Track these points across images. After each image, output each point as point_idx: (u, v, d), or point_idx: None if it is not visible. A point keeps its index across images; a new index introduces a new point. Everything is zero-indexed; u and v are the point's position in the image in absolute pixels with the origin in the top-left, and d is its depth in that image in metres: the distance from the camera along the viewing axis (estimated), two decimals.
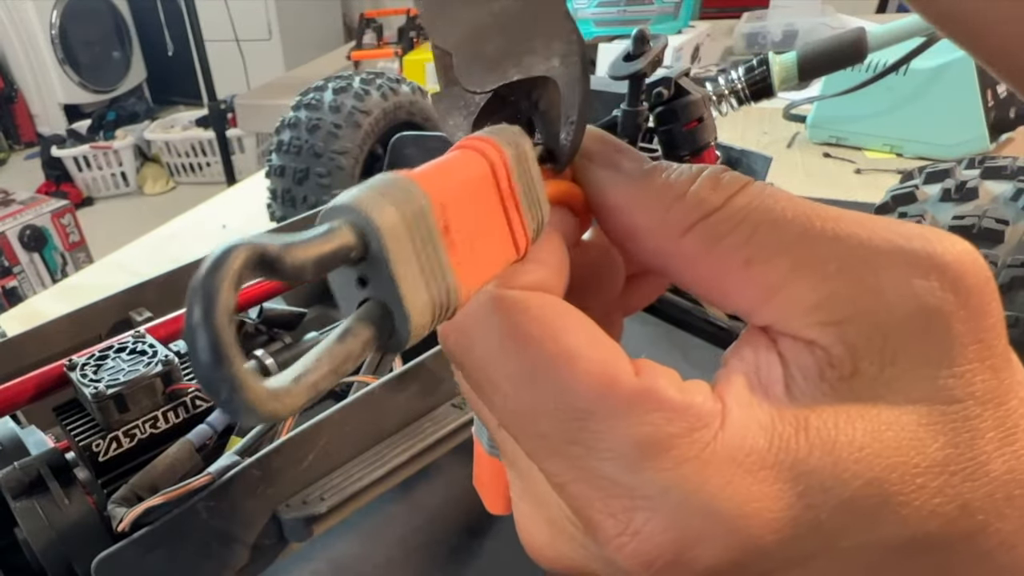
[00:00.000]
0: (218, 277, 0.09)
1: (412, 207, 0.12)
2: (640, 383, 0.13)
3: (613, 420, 0.13)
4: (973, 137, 0.87)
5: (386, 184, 0.12)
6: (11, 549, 0.35)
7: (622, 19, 1.33)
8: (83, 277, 0.95)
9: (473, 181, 0.14)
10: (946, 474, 0.13)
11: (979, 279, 0.13)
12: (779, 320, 0.14)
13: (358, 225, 0.11)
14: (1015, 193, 0.38)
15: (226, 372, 0.09)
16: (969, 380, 0.13)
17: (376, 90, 0.74)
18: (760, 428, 0.13)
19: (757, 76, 0.67)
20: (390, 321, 0.12)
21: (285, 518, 0.35)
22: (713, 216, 0.14)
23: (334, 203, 0.12)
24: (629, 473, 0.13)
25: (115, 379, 0.34)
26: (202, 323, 0.09)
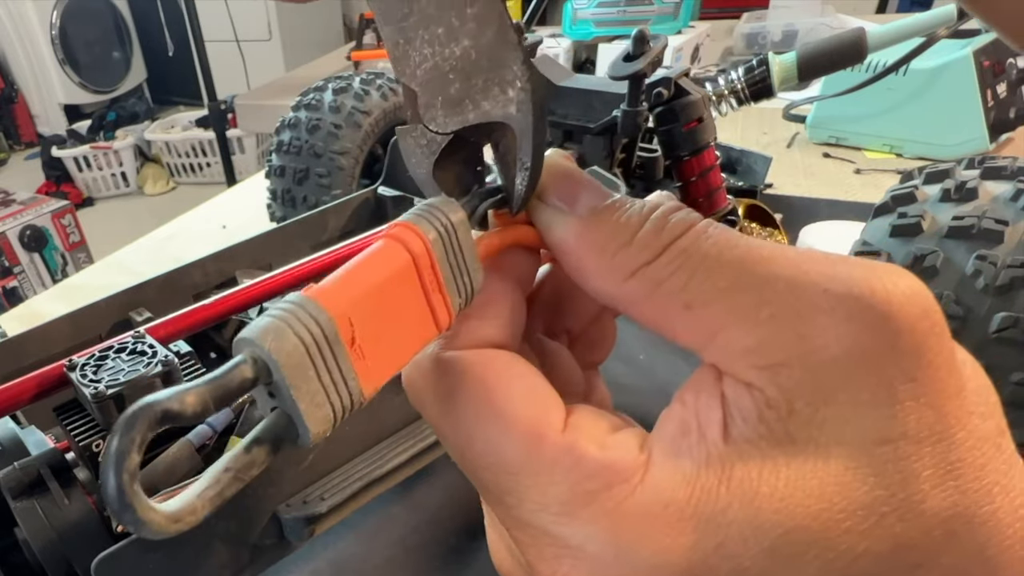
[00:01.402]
0: (123, 441, 0.11)
1: (314, 332, 0.13)
2: (563, 441, 0.14)
3: (537, 476, 0.14)
4: (973, 137, 0.87)
5: (290, 311, 0.13)
6: (11, 549, 0.35)
7: (622, 19, 1.33)
8: (83, 277, 0.95)
9: (390, 280, 0.14)
10: (875, 515, 0.13)
11: (910, 318, 0.13)
12: (721, 361, 0.14)
13: (259, 358, 0.13)
14: (1015, 193, 0.38)
15: (130, 514, 0.12)
16: (902, 420, 0.13)
17: (376, 90, 0.74)
18: (683, 480, 0.14)
19: (757, 76, 0.67)
20: (294, 429, 0.13)
21: (285, 518, 0.35)
22: (654, 263, 0.15)
23: (241, 335, 0.13)
24: (555, 525, 0.14)
25: (115, 379, 0.34)
26: (111, 478, 0.11)
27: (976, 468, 0.13)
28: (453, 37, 0.16)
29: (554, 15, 1.83)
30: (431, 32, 0.16)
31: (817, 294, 0.13)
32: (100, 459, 0.12)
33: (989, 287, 0.35)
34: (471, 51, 0.16)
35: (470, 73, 0.16)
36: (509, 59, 0.15)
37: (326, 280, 0.14)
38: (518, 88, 0.15)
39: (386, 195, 0.67)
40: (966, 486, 0.13)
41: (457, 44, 0.16)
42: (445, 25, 0.16)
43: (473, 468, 0.15)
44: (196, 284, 0.55)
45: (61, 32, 3.13)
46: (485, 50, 0.15)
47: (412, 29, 0.16)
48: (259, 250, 0.59)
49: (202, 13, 2.19)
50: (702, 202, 0.61)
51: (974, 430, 0.13)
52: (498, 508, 0.15)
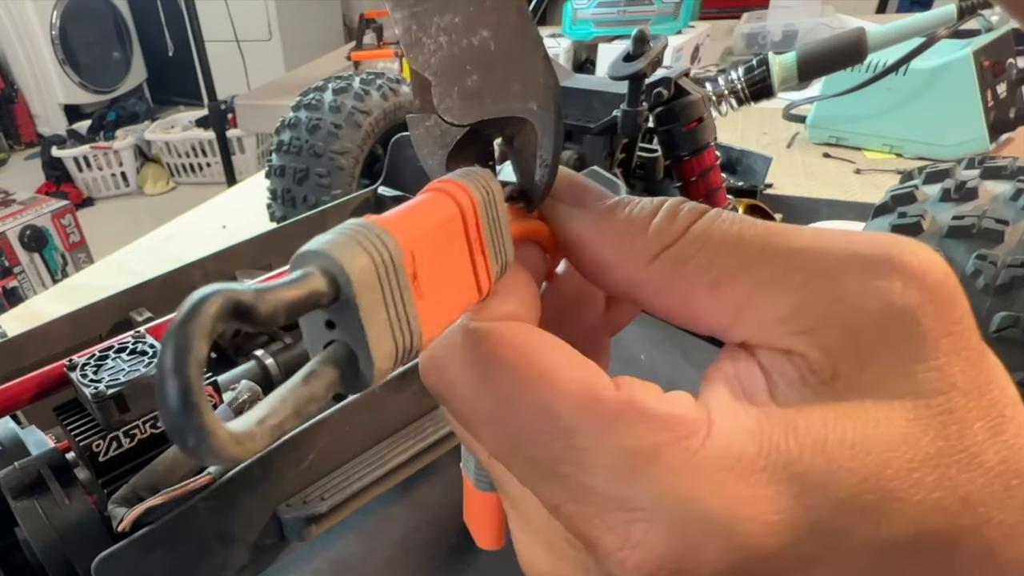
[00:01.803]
0: (191, 327, 0.09)
1: (384, 256, 0.12)
2: (621, 396, 0.14)
3: (599, 435, 0.13)
4: (973, 137, 0.87)
5: (359, 231, 0.12)
6: (11, 549, 0.35)
7: (622, 19, 1.33)
8: (83, 277, 0.95)
9: (442, 227, 0.14)
10: (941, 467, 0.13)
11: (940, 276, 0.13)
12: (753, 335, 0.14)
13: (330, 272, 0.12)
14: (1015, 193, 0.38)
15: (194, 421, 0.09)
16: (948, 372, 0.13)
17: (376, 90, 0.74)
18: (748, 433, 0.13)
19: (757, 76, 0.67)
20: (355, 365, 0.12)
21: (285, 518, 0.35)
22: (675, 244, 0.15)
23: (307, 247, 0.12)
24: (621, 486, 0.13)
25: (115, 379, 0.34)
26: (173, 373, 0.09)
27: (1017, 425, 0.13)
28: (471, 27, 0.15)
29: (554, 15, 1.83)
30: (447, 20, 0.15)
31: (847, 258, 0.13)
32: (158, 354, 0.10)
33: (989, 287, 0.35)
34: (490, 42, 0.15)
35: (489, 65, 0.15)
36: (531, 54, 0.15)
37: (385, 214, 0.13)
38: (540, 84, 0.15)
39: (386, 195, 0.67)
40: (1012, 441, 0.13)
41: (475, 35, 0.15)
42: (462, 14, 0.15)
43: (520, 442, 0.14)
44: (196, 284, 0.55)
45: (61, 32, 3.13)
46: (505, 43, 0.15)
47: (426, 15, 0.16)
48: (259, 250, 0.59)
49: (202, 13, 2.18)
50: (702, 202, 0.61)
51: (1006, 389, 0.13)
52: (548, 484, 0.14)
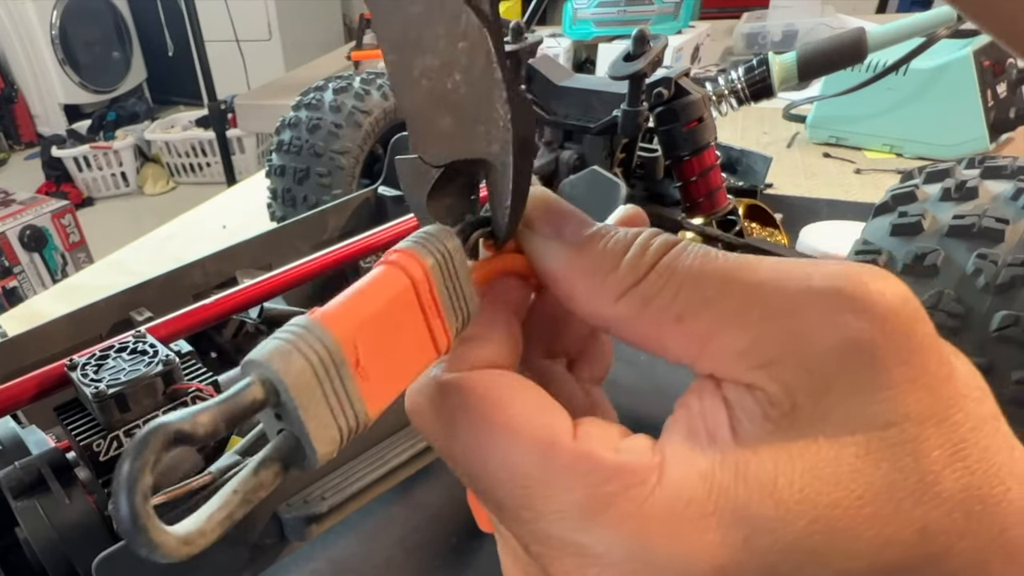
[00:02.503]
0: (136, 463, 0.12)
1: (321, 354, 0.13)
2: (576, 447, 0.14)
3: (554, 485, 0.14)
4: (973, 137, 0.87)
5: (299, 334, 0.13)
6: (12, 549, 0.35)
7: (622, 19, 1.33)
8: (83, 277, 0.95)
9: (391, 304, 0.15)
10: (894, 501, 0.13)
11: (893, 304, 0.13)
12: (717, 368, 0.15)
13: (268, 379, 0.13)
14: (1015, 193, 0.38)
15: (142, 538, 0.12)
16: (900, 402, 0.13)
17: (376, 90, 0.74)
18: (699, 477, 0.13)
19: (757, 76, 0.67)
20: (301, 451, 0.14)
21: (285, 518, 0.35)
22: (643, 280, 0.15)
23: (249, 357, 0.13)
24: (576, 533, 0.14)
25: (116, 379, 0.34)
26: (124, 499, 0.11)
27: (980, 449, 0.13)
28: (446, 70, 0.16)
29: (554, 15, 1.83)
30: (427, 63, 0.16)
31: (801, 291, 0.14)
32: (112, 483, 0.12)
33: (990, 286, 0.35)
34: (461, 85, 0.16)
35: (459, 107, 0.16)
36: (493, 96, 0.15)
37: (330, 304, 0.14)
38: (500, 127, 0.16)
39: (386, 195, 0.67)
40: (974, 467, 0.13)
41: (450, 78, 0.16)
42: (440, 57, 0.16)
43: (486, 487, 0.15)
44: (196, 284, 0.55)
45: (61, 32, 3.13)
46: (474, 85, 0.16)
47: (409, 58, 0.16)
48: (259, 250, 0.59)
49: (202, 13, 2.18)
50: (702, 202, 0.61)
51: (971, 412, 0.13)
52: (515, 525, 0.15)
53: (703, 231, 0.59)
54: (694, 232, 0.60)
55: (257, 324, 0.52)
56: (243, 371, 0.13)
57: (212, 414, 0.12)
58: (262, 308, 0.50)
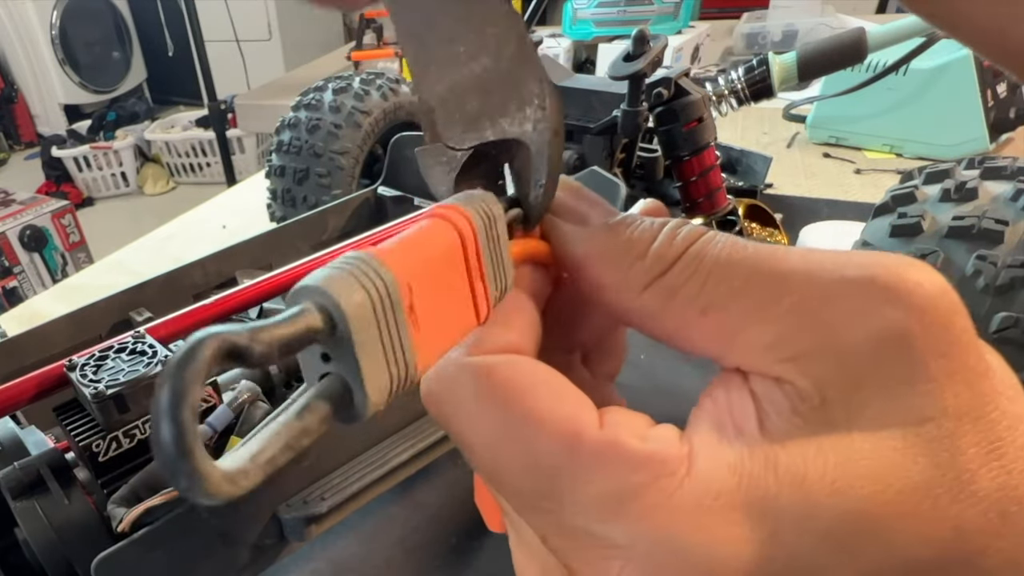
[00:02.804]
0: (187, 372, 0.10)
1: (380, 290, 0.12)
2: (603, 436, 0.14)
3: (580, 474, 0.14)
4: (973, 137, 0.87)
5: (356, 265, 0.12)
6: (11, 549, 0.35)
7: (622, 19, 1.33)
8: (83, 277, 0.95)
9: (441, 255, 0.14)
10: (931, 497, 0.12)
11: (932, 294, 0.13)
12: (744, 361, 0.14)
13: (326, 308, 0.12)
14: (1015, 193, 0.38)
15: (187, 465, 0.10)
16: (938, 396, 0.13)
17: (376, 90, 0.74)
18: (728, 469, 0.13)
19: (757, 76, 0.67)
20: (349, 398, 0.12)
21: (285, 518, 0.35)
22: (668, 272, 0.15)
23: (304, 283, 0.12)
24: (600, 524, 0.13)
25: (115, 379, 0.34)
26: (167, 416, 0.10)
27: (1017, 448, 0.12)
28: (473, 55, 0.16)
29: (554, 15, 1.83)
30: (452, 51, 0.16)
31: (833, 281, 0.13)
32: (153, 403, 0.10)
33: (989, 287, 0.35)
34: (490, 69, 0.16)
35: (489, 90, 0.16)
36: (528, 77, 0.15)
37: (384, 244, 0.14)
38: (535, 106, 0.16)
39: (386, 195, 0.67)
40: (1010, 466, 0.12)
41: (477, 62, 0.16)
42: (466, 44, 0.16)
43: (508, 476, 0.15)
44: (196, 284, 0.55)
45: (61, 32, 3.13)
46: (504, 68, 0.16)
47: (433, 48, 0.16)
48: (259, 250, 0.59)
49: (202, 13, 2.18)
50: (702, 202, 0.61)
51: (1007, 411, 0.13)
52: (535, 517, 0.15)
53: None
54: None
55: None
56: (294, 298, 0.12)
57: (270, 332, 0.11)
58: (262, 308, 0.50)
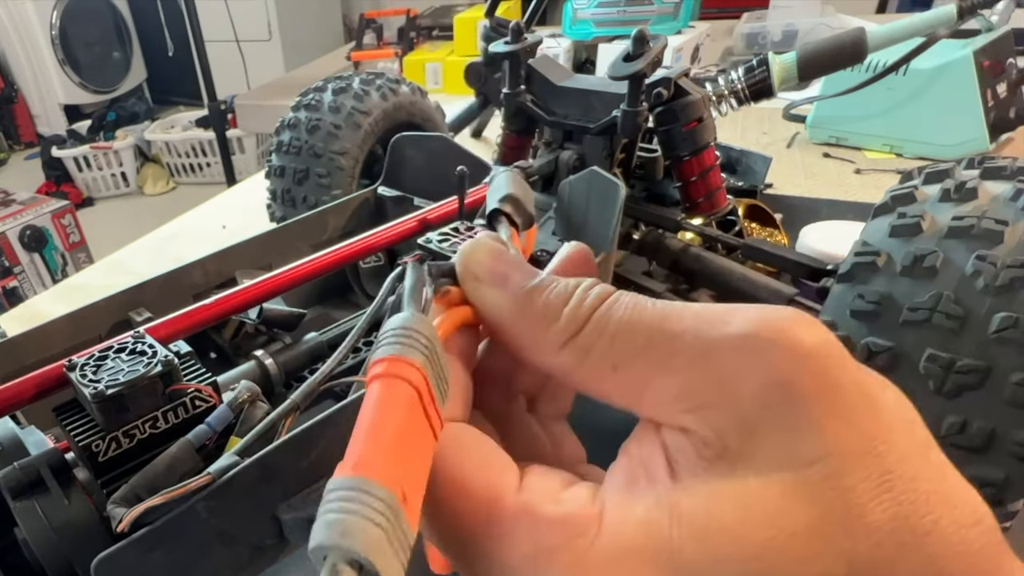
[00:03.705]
0: None
1: (386, 515, 0.13)
2: (519, 501, 0.15)
3: (499, 538, 0.15)
4: (973, 137, 0.87)
5: (360, 500, 0.13)
6: (11, 549, 0.35)
7: (622, 19, 1.33)
8: (83, 277, 0.95)
9: (406, 422, 0.15)
10: (822, 536, 0.13)
11: (809, 343, 0.14)
12: (653, 413, 0.15)
13: (356, 561, 0.13)
14: (1015, 193, 0.38)
15: None
16: (820, 438, 0.13)
17: (376, 91, 0.74)
18: (636, 524, 0.14)
19: (757, 76, 0.67)
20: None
21: (285, 518, 0.35)
22: (580, 333, 0.16)
23: (325, 540, 0.13)
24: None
25: (115, 379, 0.34)
26: None
27: (907, 480, 0.13)
28: None
29: (554, 15, 1.83)
30: None
31: (719, 338, 0.14)
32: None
33: (989, 287, 0.35)
34: None
35: None
36: None
37: (361, 448, 0.14)
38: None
39: (386, 195, 0.67)
40: (901, 497, 0.13)
41: None
42: None
43: (439, 536, 0.16)
44: (196, 284, 0.55)
45: (61, 32, 3.13)
46: None
47: None
48: (259, 250, 0.59)
49: (202, 13, 2.18)
50: (702, 202, 0.61)
51: (895, 443, 0.13)
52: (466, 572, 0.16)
53: (703, 231, 0.59)
54: (694, 232, 0.60)
55: (257, 324, 0.52)
56: (318, 553, 0.13)
57: None
58: (262, 308, 0.50)
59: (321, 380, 0.41)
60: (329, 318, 0.63)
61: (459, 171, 0.50)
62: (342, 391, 0.44)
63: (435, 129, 0.80)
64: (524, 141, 0.69)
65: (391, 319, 0.17)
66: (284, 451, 0.35)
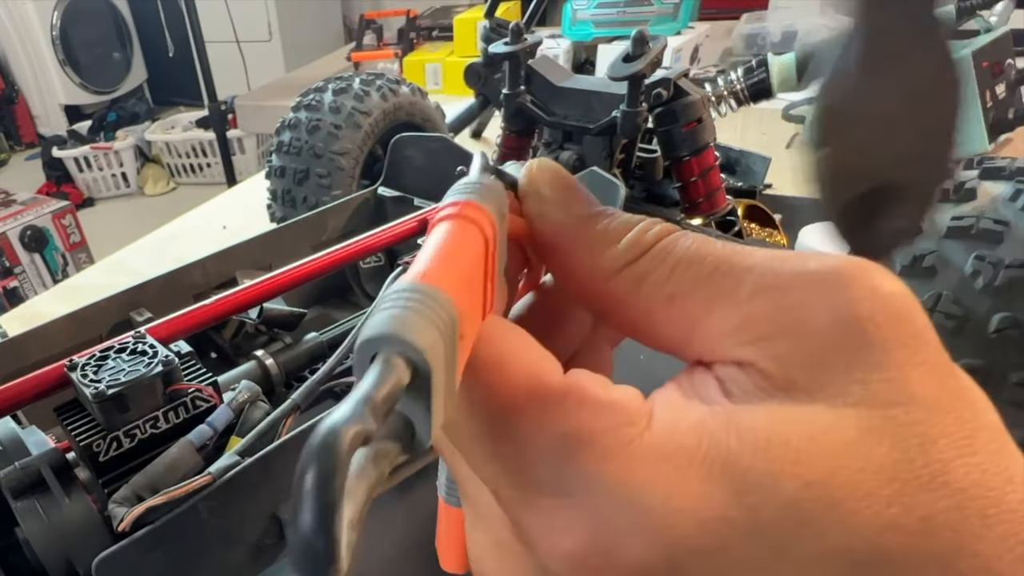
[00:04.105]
0: (333, 485, 0.10)
1: (446, 326, 0.12)
2: (566, 381, 0.14)
3: (540, 418, 0.13)
4: (972, 137, 0.87)
5: (422, 302, 0.12)
6: (12, 549, 0.35)
7: (621, 20, 1.33)
8: (84, 278, 0.95)
9: (473, 267, 0.14)
10: (898, 482, 0.12)
11: (893, 290, 0.13)
12: (707, 347, 0.14)
13: (411, 360, 0.11)
14: (1014, 193, 0.39)
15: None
16: (905, 384, 0.12)
17: (376, 91, 0.74)
18: (690, 426, 0.13)
19: (756, 77, 0.67)
20: (411, 432, 0.12)
21: (285, 518, 0.35)
22: (639, 260, 0.15)
23: (379, 331, 0.11)
24: (555, 470, 0.13)
25: (116, 379, 0.34)
26: (320, 532, 0.10)
27: (990, 451, 0.12)
28: None
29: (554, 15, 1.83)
30: None
31: (795, 272, 0.14)
32: (300, 507, 0.10)
33: (988, 287, 0.35)
34: None
35: None
36: None
37: (431, 263, 0.13)
38: None
39: (386, 195, 0.67)
40: (985, 466, 0.12)
41: None
42: None
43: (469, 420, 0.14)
44: (196, 284, 0.55)
45: (61, 33, 3.13)
46: None
47: None
48: (259, 250, 0.59)
49: (202, 13, 2.19)
50: (701, 202, 0.61)
51: (979, 412, 0.13)
52: (489, 466, 0.14)
53: (702, 232, 0.60)
54: None
55: (257, 324, 0.52)
56: (368, 347, 0.12)
57: (374, 404, 0.11)
58: (262, 308, 0.50)
59: (321, 380, 0.41)
60: (329, 318, 0.63)
61: (459, 171, 0.50)
62: (342, 391, 0.44)
63: (435, 129, 0.80)
64: (524, 141, 0.69)
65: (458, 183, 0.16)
66: (284, 451, 0.35)
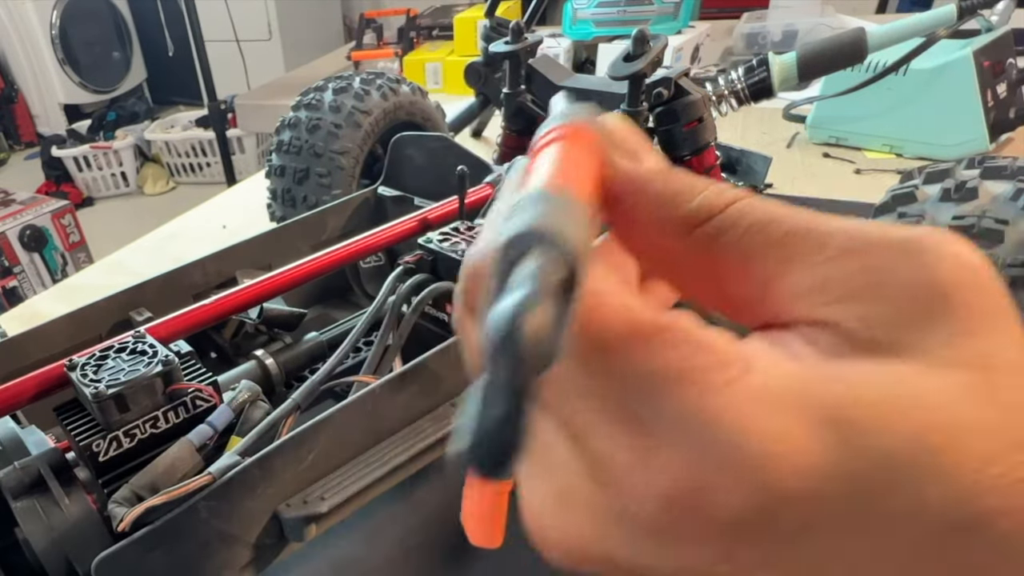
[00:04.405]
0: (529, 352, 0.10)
1: (586, 242, 0.12)
2: (668, 317, 0.13)
3: (636, 351, 0.12)
4: (973, 137, 0.87)
5: (568, 210, 0.12)
6: (11, 549, 0.35)
7: (622, 19, 1.33)
8: (83, 277, 0.95)
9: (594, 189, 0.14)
10: (1005, 442, 0.11)
11: (977, 260, 0.13)
12: (784, 308, 0.14)
13: (565, 260, 0.11)
14: (1015, 193, 0.38)
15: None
16: (996, 350, 0.12)
17: (376, 90, 0.74)
18: (792, 373, 0.12)
19: (757, 76, 0.67)
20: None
21: (285, 518, 0.35)
22: (716, 217, 0.15)
23: (534, 227, 0.11)
24: (650, 406, 0.12)
25: (115, 379, 0.34)
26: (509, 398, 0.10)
27: None
28: None
29: (554, 15, 1.83)
30: None
31: (878, 237, 0.13)
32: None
33: None
34: None
35: None
36: None
37: (557, 170, 0.13)
38: None
39: (386, 195, 0.67)
40: None
41: None
42: None
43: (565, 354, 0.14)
44: (196, 284, 0.55)
45: (61, 32, 3.13)
46: None
47: None
48: (259, 250, 0.59)
49: (202, 13, 2.18)
50: None
51: None
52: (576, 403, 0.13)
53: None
54: None
55: (257, 324, 0.52)
56: (516, 245, 0.11)
57: (549, 294, 0.11)
58: (262, 308, 0.50)
59: (321, 380, 0.41)
60: (329, 318, 0.63)
61: (459, 171, 0.50)
62: (342, 391, 0.44)
63: (435, 129, 0.80)
64: (524, 141, 0.69)
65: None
66: (285, 451, 0.35)
